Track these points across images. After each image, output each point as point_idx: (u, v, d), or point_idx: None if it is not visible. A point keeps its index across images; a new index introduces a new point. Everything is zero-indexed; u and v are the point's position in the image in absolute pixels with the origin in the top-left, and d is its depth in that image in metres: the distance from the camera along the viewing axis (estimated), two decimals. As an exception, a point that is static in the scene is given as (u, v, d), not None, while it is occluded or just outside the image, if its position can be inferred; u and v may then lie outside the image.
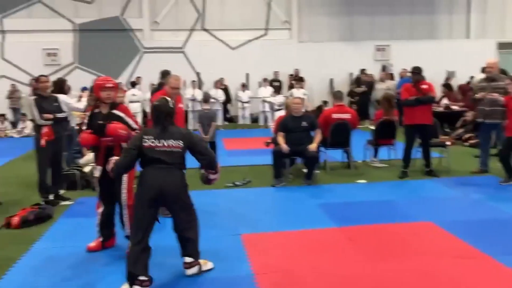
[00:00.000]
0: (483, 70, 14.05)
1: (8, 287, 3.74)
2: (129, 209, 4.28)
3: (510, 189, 6.34)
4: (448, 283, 3.66)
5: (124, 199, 4.35)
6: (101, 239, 4.59)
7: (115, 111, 4.44)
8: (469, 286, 3.58)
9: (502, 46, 17.50)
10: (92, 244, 4.56)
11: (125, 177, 4.28)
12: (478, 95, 7.37)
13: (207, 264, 4.02)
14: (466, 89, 11.93)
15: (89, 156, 8.93)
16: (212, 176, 4.09)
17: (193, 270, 3.88)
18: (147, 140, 3.72)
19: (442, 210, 5.61)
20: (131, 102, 13.38)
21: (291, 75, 15.35)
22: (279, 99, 13.19)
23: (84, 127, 4.52)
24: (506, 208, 5.61)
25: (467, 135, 10.17)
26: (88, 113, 4.52)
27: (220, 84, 14.80)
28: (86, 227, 5.17)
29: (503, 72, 8.74)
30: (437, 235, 4.73)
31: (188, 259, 3.86)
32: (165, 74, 7.36)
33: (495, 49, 17.22)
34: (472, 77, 13.60)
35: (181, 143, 3.78)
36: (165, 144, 3.73)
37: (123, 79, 15.61)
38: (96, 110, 4.51)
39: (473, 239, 4.50)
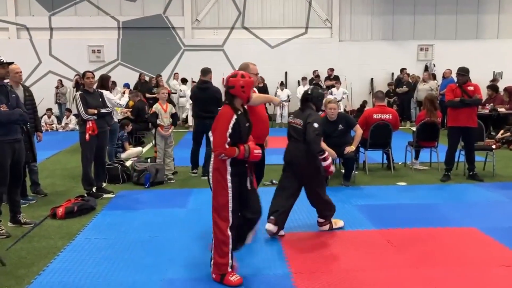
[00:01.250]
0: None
1: (53, 276, 3.88)
2: None
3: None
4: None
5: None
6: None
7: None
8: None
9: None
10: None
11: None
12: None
13: (337, 223, 4.96)
14: (512, 91, 11.48)
15: (131, 150, 9.20)
16: (323, 163, 4.60)
17: (325, 227, 4.90)
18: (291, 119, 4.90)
19: (486, 215, 5.42)
20: (181, 97, 14.42)
21: (318, 75, 15.02)
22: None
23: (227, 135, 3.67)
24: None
25: (512, 139, 9.78)
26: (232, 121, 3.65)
27: (259, 82, 14.80)
28: (126, 220, 5.32)
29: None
30: (480, 242, 4.57)
31: (321, 220, 4.89)
32: (205, 71, 7.45)
33: (545, 49, 16.48)
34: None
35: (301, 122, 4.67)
36: (296, 121, 4.77)
37: (164, 76, 15.91)
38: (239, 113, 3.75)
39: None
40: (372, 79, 16.18)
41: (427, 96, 8.18)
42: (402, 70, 15.24)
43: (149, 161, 7.43)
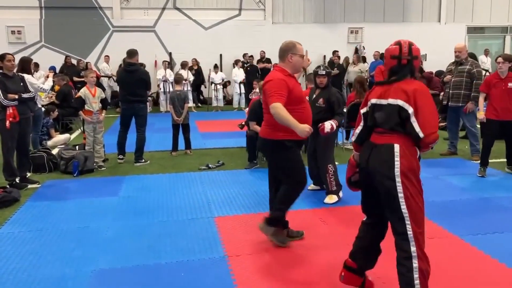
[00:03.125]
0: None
1: (-27, 274, 3.61)
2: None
3: (474, 171, 6.50)
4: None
5: None
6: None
7: None
8: (440, 265, 3.66)
9: (471, 30, 17.85)
10: None
11: None
12: (445, 78, 7.50)
13: (332, 198, 5.20)
14: (430, 76, 12.20)
15: (58, 137, 8.74)
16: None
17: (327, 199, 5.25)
18: None
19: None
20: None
21: (251, 56, 15.04)
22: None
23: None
24: (472, 189, 5.76)
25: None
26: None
27: (193, 64, 14.56)
28: (54, 211, 5.06)
29: (472, 56, 8.89)
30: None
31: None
32: (132, 53, 7.19)
33: (465, 33, 17.54)
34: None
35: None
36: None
37: (91, 58, 15.21)
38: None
39: (441, 220, 4.61)
40: (305, 61, 16.41)
41: (356, 78, 8.41)
42: (334, 52, 15.59)
43: (77, 149, 7.10)
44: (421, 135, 2.74)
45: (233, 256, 3.90)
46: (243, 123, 7.87)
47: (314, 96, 5.44)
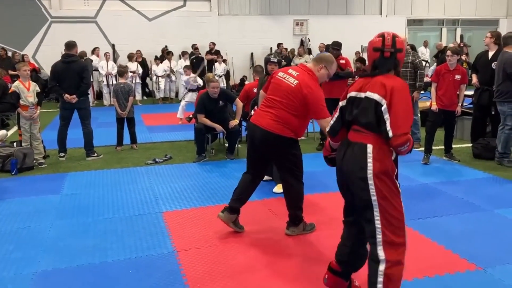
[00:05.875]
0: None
1: None
2: None
3: (418, 157, 6.78)
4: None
5: None
6: None
7: None
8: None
9: (411, 22, 18.56)
10: None
11: None
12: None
13: (280, 187, 4.95)
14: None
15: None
16: None
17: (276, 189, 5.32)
18: None
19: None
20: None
21: (196, 48, 14.89)
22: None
23: None
24: (414, 175, 6.01)
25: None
26: None
27: (137, 56, 14.19)
28: (-10, 212, 4.79)
29: (412, 47, 9.22)
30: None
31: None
32: (70, 45, 6.93)
33: (405, 26, 18.21)
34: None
35: None
36: None
37: (29, 51, 14.48)
38: None
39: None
40: (252, 53, 16.45)
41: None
42: (279, 44, 15.71)
43: (14, 145, 6.75)
44: (390, 134, 2.57)
45: (182, 250, 3.85)
46: (191, 115, 7.78)
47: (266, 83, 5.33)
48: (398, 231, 2.66)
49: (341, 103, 2.92)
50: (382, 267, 2.62)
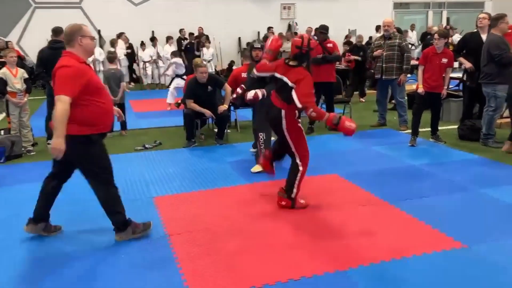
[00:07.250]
0: (377, 29, 14.93)
1: None
2: None
3: (405, 140, 6.87)
4: (357, 227, 3.94)
5: None
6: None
7: None
8: (372, 230, 3.87)
9: (397, 6, 18.56)
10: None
11: None
12: (375, 53, 7.76)
13: (257, 168, 5.43)
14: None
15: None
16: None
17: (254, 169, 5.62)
18: None
19: (346, 162, 5.95)
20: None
21: (191, 33, 14.81)
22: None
23: None
24: (401, 157, 6.10)
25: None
26: None
27: (124, 41, 14.04)
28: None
29: (399, 30, 9.25)
30: (342, 186, 5.03)
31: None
32: (58, 31, 6.84)
33: (391, 9, 18.21)
34: (370, 37, 14.30)
35: None
36: None
37: (13, 37, 14.24)
38: None
39: (373, 188, 4.86)
40: (239, 38, 16.35)
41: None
42: (269, 29, 15.63)
43: (2, 133, 6.69)
44: (298, 105, 4.01)
45: (174, 234, 3.89)
46: (179, 101, 7.77)
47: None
48: (304, 147, 4.38)
49: (267, 74, 4.47)
50: (300, 167, 4.30)
